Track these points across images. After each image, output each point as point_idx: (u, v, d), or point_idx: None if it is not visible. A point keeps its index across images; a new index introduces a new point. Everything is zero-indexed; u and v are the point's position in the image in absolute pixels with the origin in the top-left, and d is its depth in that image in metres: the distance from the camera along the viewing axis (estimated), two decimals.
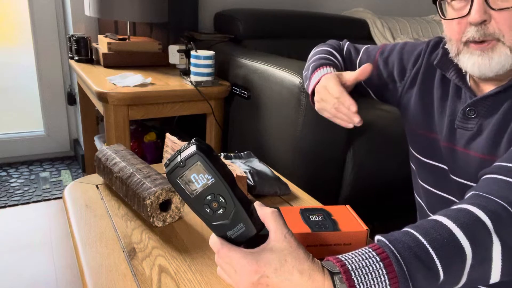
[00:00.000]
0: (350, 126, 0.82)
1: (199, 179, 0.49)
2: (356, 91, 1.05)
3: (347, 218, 0.71)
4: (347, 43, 1.05)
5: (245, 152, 1.09)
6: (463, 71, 0.75)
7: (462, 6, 0.66)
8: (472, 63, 0.67)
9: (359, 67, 0.98)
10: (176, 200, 0.79)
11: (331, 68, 0.91)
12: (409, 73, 0.88)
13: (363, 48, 1.00)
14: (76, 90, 2.06)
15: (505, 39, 0.63)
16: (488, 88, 0.72)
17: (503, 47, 0.64)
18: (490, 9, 0.63)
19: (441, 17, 0.71)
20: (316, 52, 1.02)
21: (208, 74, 1.57)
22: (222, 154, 1.06)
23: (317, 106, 0.87)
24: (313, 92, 0.91)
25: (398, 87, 0.90)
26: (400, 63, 0.90)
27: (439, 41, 0.84)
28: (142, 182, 0.79)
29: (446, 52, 0.76)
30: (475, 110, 0.73)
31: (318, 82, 0.88)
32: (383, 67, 0.93)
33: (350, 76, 0.84)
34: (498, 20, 0.63)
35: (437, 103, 0.81)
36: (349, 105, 0.79)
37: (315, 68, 0.94)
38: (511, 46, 0.63)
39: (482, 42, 0.65)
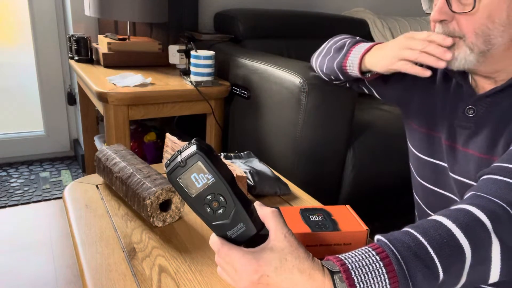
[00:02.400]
0: (442, 64, 0.73)
1: (199, 178, 0.49)
2: (360, 90, 1.06)
3: (347, 218, 0.71)
4: (357, 38, 1.07)
5: (245, 152, 1.10)
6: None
7: (436, 3, 0.71)
8: None
9: None
10: (176, 200, 0.79)
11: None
12: None
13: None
14: (76, 90, 2.06)
15: (466, 39, 0.67)
16: (488, 87, 0.72)
17: (464, 46, 0.68)
18: (451, 10, 0.67)
19: (424, 10, 0.76)
20: (339, 39, 1.06)
21: (208, 74, 1.57)
22: (222, 154, 1.06)
23: (400, 55, 0.80)
24: (360, 68, 0.92)
25: (401, 85, 0.90)
26: None
27: None
28: (142, 182, 0.79)
29: None
30: (475, 109, 0.73)
31: (368, 50, 0.90)
32: None
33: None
34: (459, 21, 0.67)
35: (439, 101, 0.81)
36: (443, 39, 0.71)
37: (354, 44, 0.97)
38: (470, 47, 0.67)
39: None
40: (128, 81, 1.51)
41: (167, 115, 1.56)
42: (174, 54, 1.79)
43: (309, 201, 0.94)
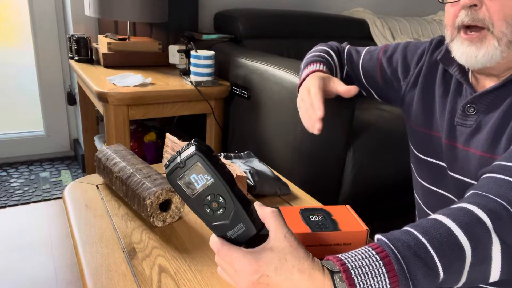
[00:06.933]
0: (310, 131, 0.85)
1: (198, 179, 0.49)
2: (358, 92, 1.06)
3: (347, 218, 0.71)
4: (348, 46, 1.06)
5: (245, 152, 1.10)
6: (466, 67, 0.75)
7: None
8: (460, 52, 0.68)
9: (361, 68, 0.99)
10: (176, 200, 0.79)
11: (322, 65, 0.95)
12: (413, 71, 0.88)
13: (364, 49, 1.01)
14: (76, 90, 2.06)
15: (494, 28, 0.63)
16: (488, 85, 0.72)
17: (492, 38, 0.64)
18: None
19: (439, 1, 0.71)
20: (313, 50, 1.06)
21: (208, 74, 1.57)
22: (222, 154, 1.06)
23: (297, 102, 0.91)
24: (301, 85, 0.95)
25: (402, 86, 0.90)
26: (404, 61, 0.90)
27: (442, 40, 0.84)
28: (142, 182, 0.79)
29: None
30: (475, 106, 0.73)
31: (306, 77, 0.93)
32: (387, 65, 0.93)
33: (338, 87, 0.88)
34: (489, 6, 0.63)
35: (439, 100, 0.81)
36: (317, 109, 0.82)
37: (307, 64, 0.98)
38: (499, 36, 0.64)
39: (471, 30, 0.65)
40: (128, 81, 1.51)
41: (167, 115, 1.56)
42: (174, 54, 1.79)
43: (309, 201, 0.94)
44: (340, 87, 0.87)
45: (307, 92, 0.86)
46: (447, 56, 0.78)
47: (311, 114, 0.84)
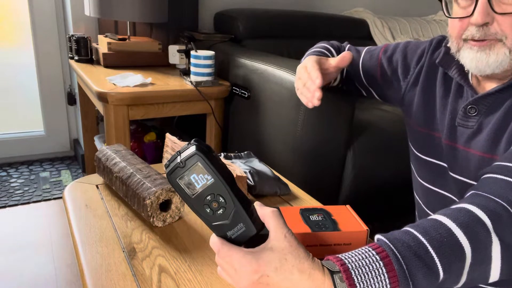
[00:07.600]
0: (310, 105, 0.85)
1: (199, 179, 0.49)
2: (358, 91, 1.06)
3: (347, 218, 0.71)
4: (348, 45, 1.06)
5: (245, 152, 1.10)
6: (465, 69, 0.75)
7: (467, 4, 0.67)
8: (470, 58, 0.68)
9: (362, 67, 0.99)
10: (176, 200, 0.79)
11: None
12: (413, 71, 0.88)
13: (364, 49, 1.01)
14: (76, 90, 2.06)
15: (507, 40, 0.64)
16: (489, 86, 0.72)
17: (503, 47, 0.64)
18: (494, 12, 0.63)
19: (445, 15, 0.71)
20: (314, 47, 1.07)
21: (208, 74, 1.57)
22: (222, 154, 1.06)
23: (295, 84, 0.92)
24: None
25: (402, 85, 0.90)
26: (404, 61, 0.90)
27: (442, 40, 0.84)
28: (142, 182, 0.79)
29: (448, 50, 0.76)
30: (476, 108, 0.73)
31: None
32: (387, 65, 0.93)
33: (332, 62, 0.89)
34: (500, 22, 0.64)
35: (439, 101, 0.81)
36: (315, 78, 0.82)
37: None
38: (511, 48, 0.64)
39: (482, 40, 0.66)
40: (128, 81, 1.51)
41: (167, 115, 1.56)
42: (174, 54, 1.79)
43: (309, 201, 0.94)
44: (334, 60, 0.89)
45: (304, 70, 0.87)
46: (445, 59, 0.78)
47: (309, 86, 0.84)
